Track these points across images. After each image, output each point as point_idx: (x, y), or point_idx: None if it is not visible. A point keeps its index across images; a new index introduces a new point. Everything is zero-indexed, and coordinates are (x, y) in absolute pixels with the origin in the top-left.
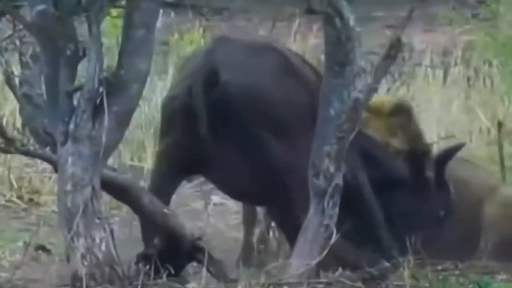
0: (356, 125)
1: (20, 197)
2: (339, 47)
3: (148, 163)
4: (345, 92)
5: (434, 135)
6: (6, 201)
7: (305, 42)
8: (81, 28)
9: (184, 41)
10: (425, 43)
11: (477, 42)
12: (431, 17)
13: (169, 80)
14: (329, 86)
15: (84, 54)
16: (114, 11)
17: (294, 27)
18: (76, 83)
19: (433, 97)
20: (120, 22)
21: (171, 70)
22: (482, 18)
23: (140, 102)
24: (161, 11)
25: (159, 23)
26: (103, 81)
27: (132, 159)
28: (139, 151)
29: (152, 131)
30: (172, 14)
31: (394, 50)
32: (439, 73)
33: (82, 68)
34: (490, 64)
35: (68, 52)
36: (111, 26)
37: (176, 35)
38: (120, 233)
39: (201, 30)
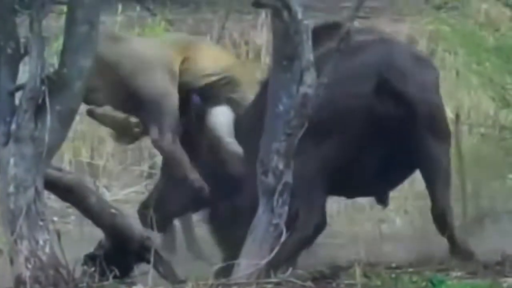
0: (305, 121)
1: None
2: (288, 41)
3: (108, 160)
4: (294, 87)
5: None
6: None
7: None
8: (23, 26)
9: (146, 35)
10: (391, 33)
11: (443, 32)
12: (402, 7)
13: None
14: (277, 81)
15: (26, 52)
16: None
17: (260, 19)
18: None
19: None
20: None
21: None
22: (451, 7)
23: None
24: (120, 6)
25: (120, 17)
26: (45, 79)
27: (92, 156)
28: (99, 147)
29: None
30: (138, 8)
31: (343, 43)
32: None
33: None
34: (456, 54)
35: (9, 50)
36: None
37: (137, 29)
38: (75, 232)
39: (162, 23)
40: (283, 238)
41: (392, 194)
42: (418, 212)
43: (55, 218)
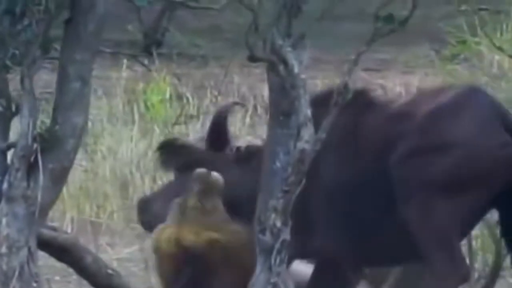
0: (303, 177)
1: None
2: (284, 96)
3: (112, 217)
4: (291, 143)
5: None
6: None
7: None
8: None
9: (150, 90)
10: (401, 86)
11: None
12: (412, 59)
13: (135, 130)
14: (274, 136)
15: (17, 110)
16: None
17: None
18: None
19: None
20: None
21: (137, 120)
22: (463, 59)
23: (106, 154)
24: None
25: (125, 72)
26: (37, 137)
27: (97, 214)
28: (105, 204)
29: (118, 184)
30: (146, 62)
31: (341, 97)
32: None
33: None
34: None
35: (0, 108)
36: None
37: (141, 84)
38: None
39: (167, 78)
40: None
41: None
42: None
43: (57, 278)
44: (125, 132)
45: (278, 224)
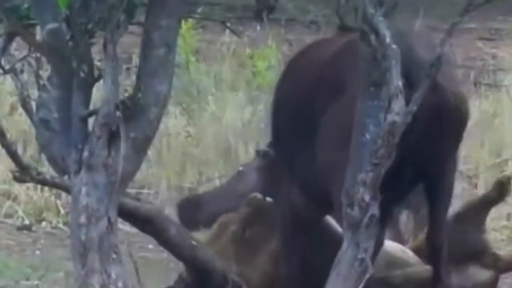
0: (393, 150)
1: (66, 224)
2: (375, 66)
3: (212, 184)
4: (381, 115)
5: None
6: (52, 227)
7: None
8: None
9: (256, 57)
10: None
11: None
12: None
13: (241, 97)
14: (364, 108)
15: (100, 76)
16: None
17: None
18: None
19: None
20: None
21: (243, 86)
22: None
23: (210, 120)
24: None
25: (228, 38)
26: (120, 105)
27: (199, 180)
28: (207, 171)
29: (221, 151)
30: (258, 28)
31: (433, 69)
32: None
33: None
34: None
35: (82, 74)
36: None
37: (248, 50)
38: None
39: (275, 44)
40: (368, 275)
41: None
42: None
43: (150, 246)
44: (231, 99)
45: (367, 198)
